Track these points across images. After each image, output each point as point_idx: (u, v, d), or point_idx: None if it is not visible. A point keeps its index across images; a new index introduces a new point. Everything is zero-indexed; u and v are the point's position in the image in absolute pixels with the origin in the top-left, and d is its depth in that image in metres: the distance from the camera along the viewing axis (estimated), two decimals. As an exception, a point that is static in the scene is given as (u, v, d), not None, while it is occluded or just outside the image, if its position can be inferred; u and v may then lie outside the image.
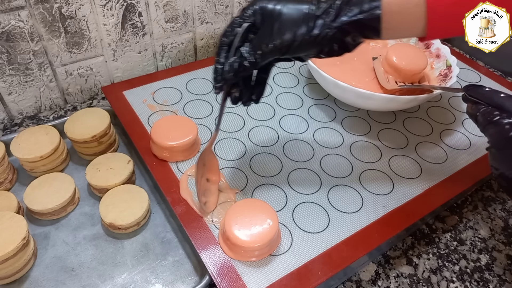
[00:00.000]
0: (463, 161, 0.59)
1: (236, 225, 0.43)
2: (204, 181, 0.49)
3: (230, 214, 0.45)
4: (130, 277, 0.46)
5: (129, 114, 0.61)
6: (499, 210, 0.58)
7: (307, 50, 0.39)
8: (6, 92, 0.61)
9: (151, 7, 0.66)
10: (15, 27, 0.55)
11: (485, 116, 0.38)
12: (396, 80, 0.64)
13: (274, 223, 0.44)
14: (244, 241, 0.42)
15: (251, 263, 0.44)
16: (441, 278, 0.49)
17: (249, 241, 0.42)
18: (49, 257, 0.47)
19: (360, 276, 0.48)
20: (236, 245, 0.43)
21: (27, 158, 0.51)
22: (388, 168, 0.57)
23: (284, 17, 0.38)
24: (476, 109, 0.40)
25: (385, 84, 0.63)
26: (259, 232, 0.43)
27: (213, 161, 0.51)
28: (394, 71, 0.64)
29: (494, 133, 0.37)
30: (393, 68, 0.63)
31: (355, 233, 0.48)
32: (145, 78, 0.68)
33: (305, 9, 0.38)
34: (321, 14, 0.38)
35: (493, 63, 0.85)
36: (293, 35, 0.38)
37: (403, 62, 0.63)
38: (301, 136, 0.61)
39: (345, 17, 0.37)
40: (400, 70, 0.63)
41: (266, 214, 0.45)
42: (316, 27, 0.38)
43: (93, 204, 0.53)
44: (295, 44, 0.38)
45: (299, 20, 0.38)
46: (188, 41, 0.75)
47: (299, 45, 0.38)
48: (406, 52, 0.65)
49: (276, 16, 0.39)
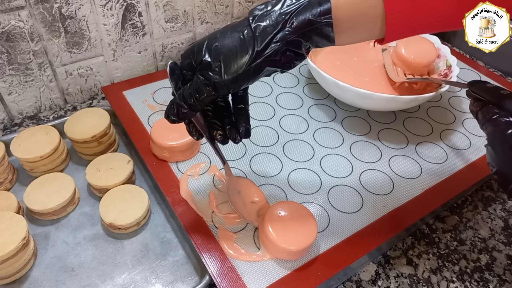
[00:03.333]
0: (463, 161, 0.59)
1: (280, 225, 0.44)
2: (250, 206, 0.49)
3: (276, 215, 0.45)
4: (130, 277, 0.46)
5: (129, 114, 0.61)
6: (499, 210, 0.58)
7: (256, 75, 0.36)
8: (6, 92, 0.61)
9: (151, 7, 0.66)
10: (15, 27, 0.55)
11: (484, 113, 0.38)
12: (405, 72, 0.64)
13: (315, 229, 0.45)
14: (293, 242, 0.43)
15: (251, 263, 0.44)
16: (441, 278, 0.49)
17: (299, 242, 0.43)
18: (49, 257, 0.47)
19: (360, 276, 0.48)
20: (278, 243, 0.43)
21: (27, 158, 0.51)
22: (388, 168, 0.57)
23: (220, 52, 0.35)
24: (477, 106, 0.39)
25: (394, 76, 0.64)
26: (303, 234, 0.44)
27: (246, 184, 0.50)
28: (402, 63, 0.64)
29: (491, 131, 0.37)
30: (401, 60, 0.64)
31: (355, 233, 0.48)
32: (145, 78, 0.68)
33: (240, 35, 0.35)
34: (259, 35, 0.34)
35: (493, 63, 0.85)
36: (235, 68, 0.35)
37: (412, 55, 0.63)
38: (301, 136, 0.61)
39: (288, 30, 0.34)
40: (409, 62, 0.63)
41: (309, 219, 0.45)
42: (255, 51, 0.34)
43: (93, 204, 0.53)
44: (241, 75, 0.35)
45: (237, 50, 0.35)
46: (188, 41, 0.75)
47: (246, 76, 0.35)
48: (415, 44, 0.65)
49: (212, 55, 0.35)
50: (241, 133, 0.42)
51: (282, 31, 0.34)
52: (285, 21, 0.34)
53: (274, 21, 0.34)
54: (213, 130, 0.42)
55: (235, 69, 0.35)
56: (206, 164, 0.55)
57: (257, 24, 0.34)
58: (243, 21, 0.36)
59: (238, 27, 0.36)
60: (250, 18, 0.35)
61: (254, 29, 0.34)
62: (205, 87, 0.36)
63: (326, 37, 0.35)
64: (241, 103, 0.42)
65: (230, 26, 0.36)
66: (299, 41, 0.35)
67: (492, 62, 0.85)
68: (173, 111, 0.38)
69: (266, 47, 0.34)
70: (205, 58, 0.36)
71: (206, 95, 0.36)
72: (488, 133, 0.37)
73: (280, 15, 0.34)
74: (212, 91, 0.36)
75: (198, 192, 0.51)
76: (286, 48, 0.35)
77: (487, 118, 0.37)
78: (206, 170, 0.54)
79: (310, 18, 0.33)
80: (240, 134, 0.42)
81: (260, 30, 0.34)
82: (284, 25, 0.34)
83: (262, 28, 0.34)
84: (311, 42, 0.35)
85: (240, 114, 0.42)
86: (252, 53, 0.34)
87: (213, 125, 0.42)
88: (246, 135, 0.42)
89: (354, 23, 0.34)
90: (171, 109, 0.38)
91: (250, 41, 0.34)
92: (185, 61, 0.38)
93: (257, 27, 0.34)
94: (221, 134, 0.42)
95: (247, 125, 0.42)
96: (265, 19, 0.34)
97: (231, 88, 0.36)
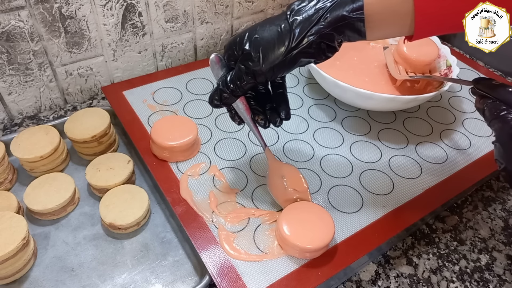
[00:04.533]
0: (463, 161, 0.59)
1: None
2: (292, 192, 0.49)
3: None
4: (130, 277, 0.46)
5: (129, 114, 0.61)
6: (499, 210, 0.58)
7: (292, 65, 0.39)
8: (6, 92, 0.61)
9: (151, 7, 0.66)
10: (15, 27, 0.55)
11: (491, 110, 0.38)
12: (407, 70, 0.64)
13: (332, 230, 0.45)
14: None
15: (251, 263, 0.44)
16: (441, 278, 0.49)
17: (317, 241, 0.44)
18: (49, 257, 0.47)
19: (360, 276, 0.48)
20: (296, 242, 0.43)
21: (27, 158, 0.51)
22: (388, 168, 0.57)
23: (259, 43, 0.38)
24: (483, 103, 0.39)
25: (396, 74, 0.64)
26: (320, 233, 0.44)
27: (292, 171, 0.50)
28: (404, 61, 0.64)
29: (499, 128, 0.37)
30: (403, 58, 0.64)
31: (355, 233, 0.48)
32: (145, 78, 0.68)
33: (278, 28, 0.38)
34: (295, 28, 0.37)
35: (493, 63, 0.85)
36: (273, 58, 0.38)
37: (414, 53, 0.63)
38: (301, 136, 0.61)
39: (322, 24, 0.36)
40: (411, 61, 0.63)
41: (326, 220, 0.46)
42: (293, 41, 0.37)
43: (93, 204, 0.53)
44: (278, 65, 0.38)
45: (275, 42, 0.38)
46: (188, 41, 0.75)
47: (282, 65, 0.38)
48: (417, 43, 0.65)
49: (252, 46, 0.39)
50: (282, 117, 0.45)
51: (317, 25, 0.36)
52: (320, 16, 0.36)
53: (310, 16, 0.37)
54: (255, 115, 0.46)
55: (273, 59, 0.38)
56: (206, 164, 0.55)
57: (294, 18, 0.37)
58: (281, 15, 0.39)
59: (276, 20, 0.39)
60: (288, 12, 0.38)
61: (291, 23, 0.37)
62: (246, 75, 0.39)
63: (358, 31, 0.37)
64: (280, 89, 0.46)
65: (269, 19, 0.40)
66: (333, 35, 0.37)
67: (492, 62, 0.85)
68: (216, 96, 0.42)
69: (302, 40, 0.37)
70: (246, 49, 0.39)
71: (246, 82, 0.40)
72: (496, 130, 0.37)
73: (316, 11, 0.37)
74: (252, 79, 0.40)
75: (198, 192, 0.51)
76: (320, 41, 0.37)
77: (494, 115, 0.37)
78: (206, 170, 0.54)
79: (343, 13, 0.36)
80: (281, 117, 0.45)
81: (297, 23, 0.37)
82: (319, 20, 0.37)
83: (298, 22, 0.37)
84: (343, 36, 0.37)
85: (280, 99, 0.46)
86: (288, 45, 0.37)
87: (254, 110, 0.46)
88: (286, 118, 0.46)
89: (385, 19, 0.37)
90: (215, 94, 0.42)
91: (286, 34, 0.37)
92: (228, 52, 0.41)
93: (294, 21, 0.37)
94: (263, 118, 0.46)
95: (287, 108, 0.46)
96: (301, 14, 0.37)
97: (269, 76, 0.39)
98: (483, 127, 0.66)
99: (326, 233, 0.44)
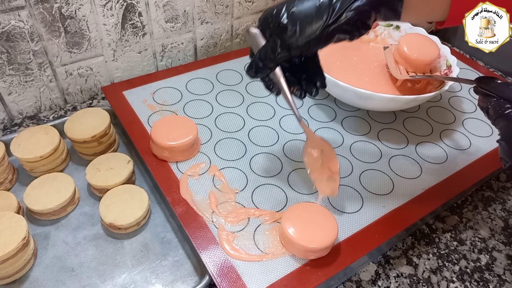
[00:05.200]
0: (463, 161, 0.59)
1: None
2: (325, 170, 0.49)
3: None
4: (130, 277, 0.46)
5: (129, 114, 0.61)
6: (499, 210, 0.58)
7: (328, 41, 0.39)
8: (6, 92, 0.61)
9: (151, 7, 0.66)
10: (15, 27, 0.55)
11: (496, 109, 0.38)
12: (408, 70, 0.64)
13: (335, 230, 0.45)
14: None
15: (251, 263, 0.44)
16: (441, 278, 0.49)
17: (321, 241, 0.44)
18: (49, 257, 0.47)
19: (360, 276, 0.48)
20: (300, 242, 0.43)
21: (27, 158, 0.51)
22: (388, 168, 0.57)
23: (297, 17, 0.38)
24: (487, 102, 0.39)
25: (396, 74, 0.63)
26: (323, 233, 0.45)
27: (330, 150, 0.50)
28: (405, 61, 0.64)
29: (504, 126, 0.37)
30: (404, 58, 0.64)
31: (355, 233, 0.48)
32: (145, 78, 0.68)
33: (317, 3, 0.38)
34: (336, 2, 0.37)
35: (493, 63, 0.85)
36: (309, 32, 0.38)
37: (415, 53, 0.63)
38: (301, 136, 0.61)
39: (362, 1, 0.37)
40: (411, 60, 0.63)
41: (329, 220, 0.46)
42: (332, 16, 0.37)
43: (93, 204, 0.53)
44: (314, 40, 0.38)
45: (313, 16, 0.38)
46: (188, 41, 0.75)
47: (318, 40, 0.38)
48: (417, 42, 0.65)
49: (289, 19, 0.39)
50: (318, 86, 0.45)
51: (357, 1, 0.37)
52: None
53: None
54: (290, 86, 0.45)
55: (309, 33, 0.38)
56: (206, 164, 0.55)
57: None
58: None
59: None
60: None
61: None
62: (281, 49, 0.39)
63: (395, 11, 0.38)
64: (314, 59, 0.45)
65: None
66: (370, 13, 0.37)
67: (492, 62, 0.85)
68: (252, 67, 0.43)
69: (341, 15, 0.37)
70: (282, 21, 0.39)
71: (281, 55, 0.40)
72: (500, 128, 0.37)
73: None
74: (287, 52, 0.40)
75: (198, 192, 0.51)
76: (358, 17, 0.37)
77: (499, 113, 0.38)
78: (206, 170, 0.54)
79: None
80: (318, 86, 0.45)
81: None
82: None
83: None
84: (380, 14, 0.38)
85: (314, 70, 0.46)
86: (327, 19, 0.37)
87: (290, 81, 0.45)
88: (322, 86, 0.46)
89: (423, 1, 0.37)
90: (251, 66, 0.43)
91: (325, 8, 0.37)
92: (263, 24, 0.41)
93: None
94: (298, 89, 0.46)
95: (322, 77, 0.46)
96: None
97: (304, 50, 0.39)
98: (483, 127, 0.66)
99: (330, 233, 0.44)
